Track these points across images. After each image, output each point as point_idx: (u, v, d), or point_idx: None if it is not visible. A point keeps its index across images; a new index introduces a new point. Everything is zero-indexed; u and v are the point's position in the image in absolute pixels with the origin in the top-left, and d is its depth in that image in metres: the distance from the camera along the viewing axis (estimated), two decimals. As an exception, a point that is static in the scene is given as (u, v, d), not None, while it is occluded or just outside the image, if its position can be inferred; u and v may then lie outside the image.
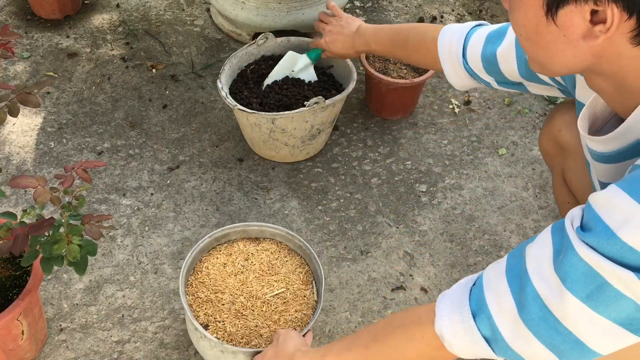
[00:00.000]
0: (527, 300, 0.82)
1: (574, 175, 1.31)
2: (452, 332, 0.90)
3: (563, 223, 0.82)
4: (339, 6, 2.15)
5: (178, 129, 1.92)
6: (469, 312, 0.89)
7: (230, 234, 1.43)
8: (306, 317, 1.34)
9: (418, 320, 0.96)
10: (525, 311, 0.82)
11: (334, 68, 1.86)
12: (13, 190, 1.71)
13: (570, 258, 0.77)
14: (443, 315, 0.92)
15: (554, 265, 0.79)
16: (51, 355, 1.40)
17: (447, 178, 1.84)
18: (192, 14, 2.32)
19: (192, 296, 1.34)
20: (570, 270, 0.77)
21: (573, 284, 0.77)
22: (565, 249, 0.78)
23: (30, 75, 2.05)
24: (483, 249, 1.67)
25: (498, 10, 2.44)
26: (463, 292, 0.92)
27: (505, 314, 0.84)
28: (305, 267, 1.42)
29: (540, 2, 0.77)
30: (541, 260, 0.81)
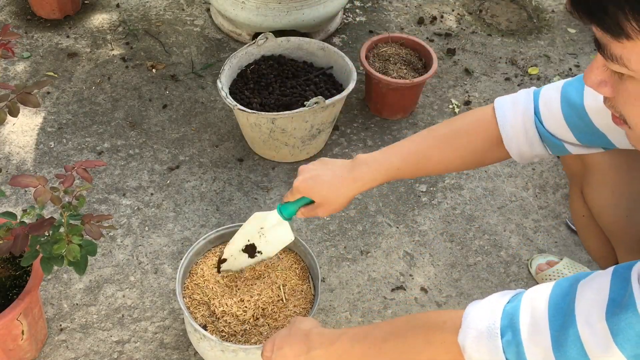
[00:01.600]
0: (566, 340, 0.78)
1: (592, 191, 1.28)
2: (475, 347, 0.87)
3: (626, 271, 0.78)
4: (339, 6, 2.15)
5: (178, 129, 1.92)
6: (499, 332, 0.85)
7: (225, 235, 1.43)
8: (304, 311, 1.34)
9: (442, 324, 0.93)
10: (562, 351, 0.79)
11: (334, 68, 1.86)
12: (13, 190, 1.71)
13: (629, 316, 0.74)
14: (470, 326, 0.88)
15: (607, 316, 0.76)
16: (51, 355, 1.40)
17: (447, 178, 1.84)
18: (192, 14, 2.32)
19: (188, 298, 1.34)
20: (626, 328, 0.74)
21: (624, 342, 0.74)
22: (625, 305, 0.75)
23: (30, 75, 2.05)
24: (483, 249, 1.67)
25: (498, 10, 2.45)
26: (496, 308, 0.88)
27: (538, 347, 0.81)
28: (301, 263, 1.42)
29: None
30: (592, 305, 0.78)
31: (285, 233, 1.33)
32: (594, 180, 1.27)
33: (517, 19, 2.41)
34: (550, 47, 2.29)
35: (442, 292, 1.57)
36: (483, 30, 2.35)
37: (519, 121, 1.11)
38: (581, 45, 2.31)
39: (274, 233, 1.33)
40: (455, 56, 2.22)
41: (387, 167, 1.18)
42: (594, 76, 0.75)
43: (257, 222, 1.34)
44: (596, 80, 0.75)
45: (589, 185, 1.29)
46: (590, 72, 0.75)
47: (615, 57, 0.68)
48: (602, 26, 0.65)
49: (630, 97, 0.72)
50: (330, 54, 1.85)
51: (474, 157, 1.17)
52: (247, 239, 1.36)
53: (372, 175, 1.18)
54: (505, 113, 1.12)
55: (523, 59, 2.24)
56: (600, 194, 1.27)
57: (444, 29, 2.33)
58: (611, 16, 0.63)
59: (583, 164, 1.28)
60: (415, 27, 2.33)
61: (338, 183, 1.18)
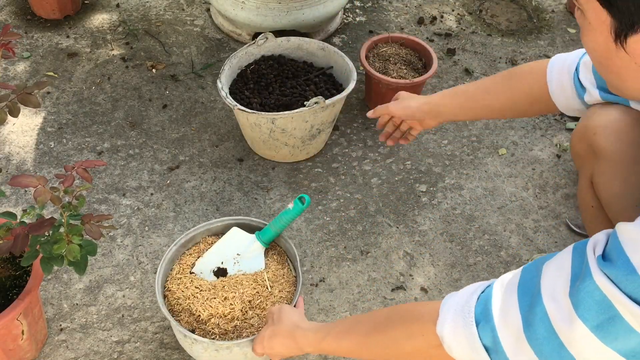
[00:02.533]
0: (534, 318, 0.81)
1: (602, 181, 1.29)
2: (453, 336, 0.90)
3: (585, 246, 0.81)
4: (339, 6, 2.15)
5: (178, 129, 1.92)
6: (473, 318, 0.88)
7: (195, 237, 1.43)
8: (290, 294, 1.36)
9: (420, 317, 0.96)
10: (531, 329, 0.81)
11: (334, 68, 1.86)
12: (13, 190, 1.71)
13: (586, 285, 0.76)
14: (447, 317, 0.91)
15: (570, 290, 0.78)
16: (51, 355, 1.40)
17: (447, 178, 1.84)
18: (192, 14, 2.32)
19: (172, 305, 1.32)
20: (585, 297, 0.76)
21: (585, 312, 0.76)
22: (583, 275, 0.77)
23: (30, 75, 2.05)
24: (483, 249, 1.67)
25: (498, 10, 2.45)
26: (470, 297, 0.91)
27: (510, 328, 0.83)
28: (277, 248, 1.44)
29: (609, 29, 0.77)
30: (556, 281, 0.80)
31: (258, 262, 1.39)
32: (605, 169, 1.27)
33: (517, 19, 2.41)
34: (550, 47, 2.29)
35: (442, 292, 1.57)
36: (483, 30, 2.35)
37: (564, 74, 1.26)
38: (581, 45, 2.31)
39: (247, 263, 1.38)
40: (455, 56, 2.22)
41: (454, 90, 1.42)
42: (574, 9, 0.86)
43: (234, 244, 1.39)
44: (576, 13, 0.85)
45: (600, 174, 1.29)
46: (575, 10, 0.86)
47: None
48: None
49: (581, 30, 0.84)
50: (330, 54, 1.85)
51: (525, 99, 1.32)
52: (222, 260, 1.38)
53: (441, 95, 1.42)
54: (554, 66, 1.28)
55: (523, 59, 2.24)
56: (611, 183, 1.27)
57: (444, 29, 2.33)
58: None
59: (594, 153, 1.28)
60: (415, 27, 2.33)
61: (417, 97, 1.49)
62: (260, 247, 1.39)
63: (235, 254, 1.38)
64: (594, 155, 1.29)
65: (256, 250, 1.39)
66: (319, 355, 1.43)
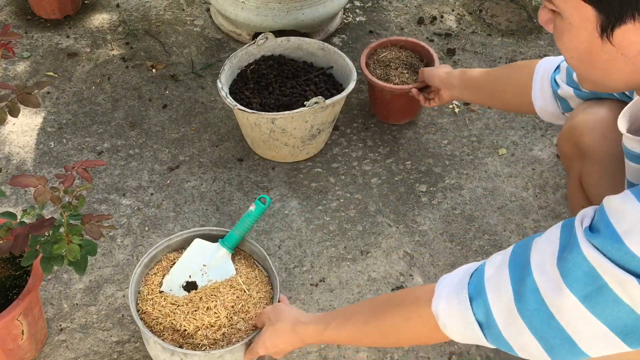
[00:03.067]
0: (525, 291, 0.82)
1: (591, 181, 1.29)
2: (447, 313, 0.92)
3: (573, 221, 0.82)
4: (339, 6, 2.15)
5: (178, 129, 1.92)
6: (467, 295, 0.90)
7: (157, 255, 1.41)
8: (268, 293, 1.36)
9: (416, 300, 0.98)
10: (521, 301, 0.83)
11: (334, 68, 1.86)
12: (13, 190, 1.71)
13: (574, 256, 0.78)
14: (441, 295, 0.93)
15: (557, 261, 0.80)
16: (51, 355, 1.40)
17: (447, 178, 1.84)
18: (192, 14, 2.32)
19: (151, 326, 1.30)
20: (573, 268, 0.77)
21: (573, 282, 0.77)
22: (570, 246, 0.79)
23: (30, 75, 2.05)
24: (483, 249, 1.67)
25: (498, 10, 2.45)
26: (464, 276, 0.93)
27: (502, 302, 0.85)
28: (242, 252, 1.44)
29: (594, 25, 0.77)
30: (545, 254, 0.82)
31: (227, 268, 1.37)
32: (593, 169, 1.28)
33: (517, 19, 2.41)
34: (550, 47, 2.29)
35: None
36: (483, 30, 2.35)
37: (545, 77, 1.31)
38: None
39: (215, 271, 1.36)
40: (455, 56, 2.22)
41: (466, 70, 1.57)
42: (542, 16, 0.86)
43: (199, 255, 1.37)
44: (544, 19, 0.86)
45: (588, 175, 1.30)
46: (540, 12, 0.86)
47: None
48: None
49: (558, 32, 0.83)
50: (330, 54, 1.85)
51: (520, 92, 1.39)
52: (189, 274, 1.36)
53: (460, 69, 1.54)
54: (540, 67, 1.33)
55: (523, 59, 2.24)
56: (599, 182, 1.28)
57: (444, 29, 2.33)
58: None
59: (581, 153, 1.29)
60: (415, 27, 2.34)
61: None
62: (226, 254, 1.38)
63: (202, 265, 1.37)
64: (581, 155, 1.29)
65: (223, 258, 1.38)
66: (319, 354, 1.43)
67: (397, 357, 1.43)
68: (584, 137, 1.26)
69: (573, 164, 1.35)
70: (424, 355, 1.44)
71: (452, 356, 1.44)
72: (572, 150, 1.32)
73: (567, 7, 0.79)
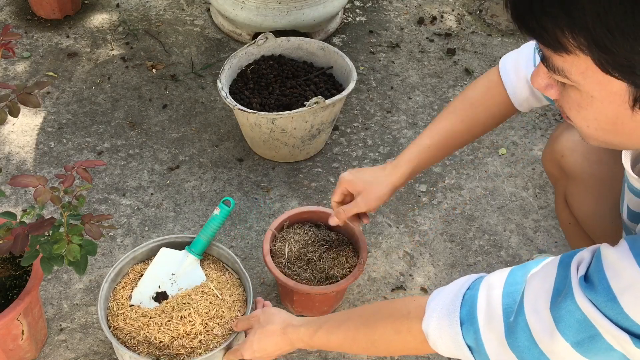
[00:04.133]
0: (516, 327, 0.82)
1: (575, 201, 1.29)
2: (438, 334, 0.91)
3: (570, 260, 0.81)
4: (339, 6, 2.15)
5: (178, 129, 1.92)
6: (458, 319, 0.89)
7: (123, 268, 1.39)
8: (240, 295, 1.36)
9: (407, 314, 0.97)
10: (512, 337, 0.82)
11: (334, 68, 1.86)
12: (13, 190, 1.71)
13: (568, 304, 0.77)
14: (432, 315, 0.92)
15: (550, 304, 0.79)
16: (51, 355, 1.40)
17: (447, 178, 1.84)
18: (192, 14, 2.32)
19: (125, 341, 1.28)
20: (566, 315, 0.77)
21: (566, 329, 0.77)
22: (565, 294, 0.78)
23: (30, 75, 2.05)
24: (483, 249, 1.67)
25: (498, 10, 2.44)
26: (456, 296, 0.92)
27: (493, 332, 0.85)
28: (210, 257, 1.43)
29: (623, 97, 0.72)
30: (539, 293, 0.81)
31: (197, 275, 1.35)
32: (577, 189, 1.28)
33: (517, 19, 2.42)
34: (550, 47, 2.29)
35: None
36: (483, 30, 2.35)
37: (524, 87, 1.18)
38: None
39: (185, 279, 1.35)
40: (455, 56, 2.22)
41: (419, 147, 1.26)
42: (540, 80, 0.79)
43: (167, 265, 1.35)
44: (542, 83, 0.79)
45: (572, 194, 1.30)
46: (537, 75, 0.79)
47: (557, 69, 0.72)
48: (543, 42, 0.70)
49: (573, 104, 0.76)
50: (330, 54, 1.85)
51: (492, 121, 1.25)
52: (158, 284, 1.35)
53: (409, 157, 1.26)
54: (510, 80, 1.19)
55: (523, 59, 2.24)
56: (583, 202, 1.28)
57: (444, 29, 2.33)
58: (550, 33, 0.68)
59: (564, 173, 1.29)
60: (415, 27, 2.34)
61: (380, 171, 1.27)
62: (194, 260, 1.36)
63: (171, 274, 1.35)
64: (565, 175, 1.29)
65: (191, 265, 1.36)
66: (319, 355, 1.43)
67: (397, 357, 1.43)
68: (565, 159, 1.26)
69: (558, 182, 1.35)
70: (423, 355, 1.44)
71: (452, 356, 1.44)
72: (556, 169, 1.32)
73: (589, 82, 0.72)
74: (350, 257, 1.44)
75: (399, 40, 2.27)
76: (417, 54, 2.22)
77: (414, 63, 2.19)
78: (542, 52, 0.73)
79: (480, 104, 1.23)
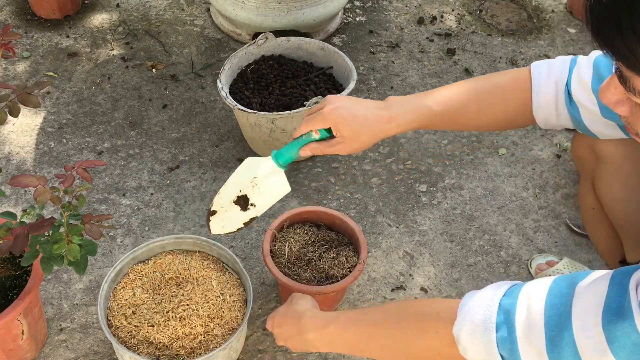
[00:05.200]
0: (561, 342, 0.79)
1: (604, 185, 1.27)
2: (470, 340, 0.87)
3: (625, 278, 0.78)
4: (339, 6, 2.15)
5: (178, 129, 1.92)
6: (494, 326, 0.85)
7: (123, 268, 1.39)
8: (241, 295, 1.36)
9: (437, 315, 0.93)
10: (556, 352, 0.79)
11: (334, 68, 1.86)
12: (13, 190, 1.71)
13: (625, 325, 0.74)
14: (466, 319, 0.88)
15: (603, 322, 0.76)
16: (51, 355, 1.40)
17: (447, 178, 1.84)
18: (192, 14, 2.32)
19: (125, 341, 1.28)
20: (621, 337, 0.74)
21: (619, 349, 0.75)
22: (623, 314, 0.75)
23: (30, 75, 2.05)
24: (483, 249, 1.67)
25: (498, 10, 2.45)
26: (492, 302, 0.87)
27: (533, 344, 0.82)
28: (210, 257, 1.43)
29: None
30: (589, 310, 0.78)
31: (281, 184, 1.22)
32: (606, 172, 1.26)
33: (517, 19, 2.41)
34: (550, 47, 2.29)
35: (442, 292, 1.57)
36: (483, 30, 2.35)
37: (551, 89, 1.11)
38: (581, 45, 2.31)
39: (267, 184, 1.21)
40: (455, 56, 2.22)
41: (426, 112, 1.12)
42: (611, 95, 0.75)
43: (249, 170, 1.22)
44: (613, 99, 0.75)
45: (600, 177, 1.28)
46: (607, 90, 0.75)
47: (637, 91, 0.69)
48: (627, 64, 0.66)
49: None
50: (330, 54, 1.85)
51: (505, 116, 1.15)
52: (239, 189, 1.22)
53: (410, 117, 1.12)
54: (540, 79, 1.11)
55: (523, 59, 2.24)
56: (612, 186, 1.26)
57: (444, 29, 2.33)
58: (637, 56, 0.64)
59: (595, 155, 1.27)
60: (415, 27, 2.34)
61: (372, 118, 1.10)
62: (278, 169, 1.21)
63: (252, 178, 1.21)
64: (596, 158, 1.27)
65: (275, 173, 1.20)
66: (319, 355, 1.43)
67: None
68: (600, 141, 1.22)
69: (586, 166, 1.32)
70: None
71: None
72: (587, 152, 1.29)
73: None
74: (350, 257, 1.44)
75: (399, 40, 2.27)
76: (417, 54, 2.22)
77: (414, 63, 2.19)
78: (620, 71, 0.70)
79: (501, 91, 1.14)
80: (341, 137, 1.12)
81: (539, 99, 1.12)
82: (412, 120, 1.12)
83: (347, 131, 1.11)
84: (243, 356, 1.42)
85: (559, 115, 1.13)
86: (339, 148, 1.13)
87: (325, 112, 1.12)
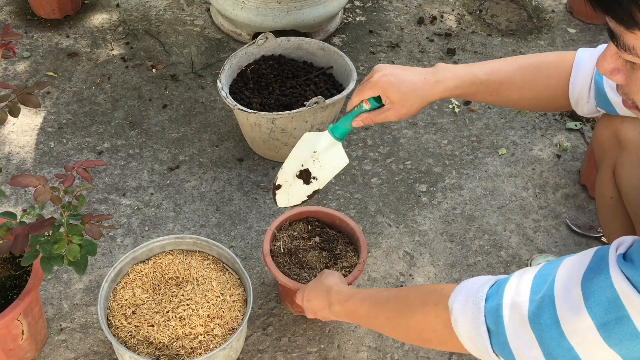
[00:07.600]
0: (542, 304, 0.80)
1: (626, 172, 1.26)
2: (461, 309, 0.89)
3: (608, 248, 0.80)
4: (339, 6, 2.15)
5: (178, 129, 1.92)
6: (484, 296, 0.88)
7: (123, 268, 1.39)
8: (240, 295, 1.37)
9: (440, 291, 0.97)
10: (536, 314, 0.80)
11: (334, 68, 1.86)
12: (13, 190, 1.71)
13: (601, 279, 0.75)
14: (461, 290, 0.92)
15: (582, 280, 0.77)
16: (51, 355, 1.40)
17: (447, 178, 1.84)
18: (192, 14, 2.32)
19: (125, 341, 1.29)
20: (597, 291, 0.75)
21: (594, 306, 0.75)
22: (599, 269, 0.76)
23: (30, 75, 2.05)
24: (483, 249, 1.67)
25: (498, 10, 2.45)
26: (490, 279, 0.91)
27: (516, 309, 0.83)
28: (210, 257, 1.44)
29: None
30: (572, 271, 0.80)
31: (340, 156, 1.25)
32: (629, 159, 1.25)
33: (517, 19, 2.41)
34: (550, 47, 2.29)
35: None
36: (483, 30, 2.35)
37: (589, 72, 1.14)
38: (581, 45, 2.31)
39: (327, 157, 1.25)
40: (455, 56, 2.22)
41: (471, 78, 1.16)
42: (607, 64, 0.76)
43: (309, 144, 1.26)
44: (609, 67, 0.76)
45: (622, 165, 1.27)
46: (604, 59, 0.76)
47: (628, 47, 0.70)
48: (616, 18, 0.67)
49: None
50: (330, 54, 1.85)
51: (545, 93, 1.18)
52: (301, 163, 1.27)
53: (455, 82, 1.15)
54: (582, 59, 1.14)
55: (523, 59, 2.24)
56: (633, 173, 1.25)
57: (444, 29, 2.33)
58: (625, 8, 0.65)
59: (618, 142, 1.26)
60: (415, 27, 2.34)
61: (420, 83, 1.14)
62: (335, 142, 1.23)
63: (312, 152, 1.25)
64: (618, 144, 1.26)
65: (333, 146, 1.23)
66: (319, 355, 1.43)
67: (397, 357, 1.43)
68: (624, 126, 1.22)
69: (608, 153, 1.31)
70: (424, 355, 1.44)
71: (452, 356, 1.44)
72: (610, 138, 1.28)
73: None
74: (350, 257, 1.44)
75: (399, 40, 2.27)
76: (417, 54, 2.22)
77: (414, 63, 2.19)
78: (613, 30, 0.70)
79: (545, 66, 1.18)
80: (390, 103, 1.15)
81: (577, 78, 1.15)
82: (456, 86, 1.16)
83: (396, 96, 1.14)
84: (243, 356, 1.42)
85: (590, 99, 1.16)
86: (388, 114, 1.17)
87: (373, 80, 1.15)
